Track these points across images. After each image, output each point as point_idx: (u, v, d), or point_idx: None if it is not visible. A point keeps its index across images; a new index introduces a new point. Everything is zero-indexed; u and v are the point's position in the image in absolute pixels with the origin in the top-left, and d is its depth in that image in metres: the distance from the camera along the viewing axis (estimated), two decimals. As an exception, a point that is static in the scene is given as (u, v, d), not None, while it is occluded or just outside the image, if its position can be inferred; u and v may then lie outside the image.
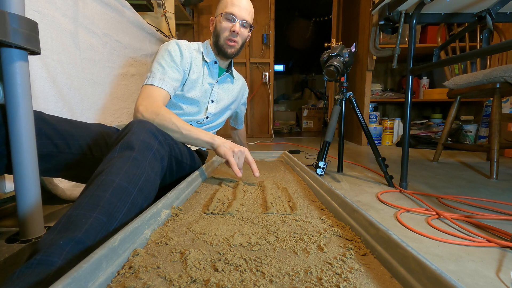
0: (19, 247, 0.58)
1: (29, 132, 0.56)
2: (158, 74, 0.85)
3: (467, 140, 2.38)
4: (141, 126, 0.60)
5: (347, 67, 1.23)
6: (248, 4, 0.95)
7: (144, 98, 0.81)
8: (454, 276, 0.50)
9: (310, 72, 5.59)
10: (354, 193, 1.02)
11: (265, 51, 3.17)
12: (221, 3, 0.95)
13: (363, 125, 1.24)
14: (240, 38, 0.96)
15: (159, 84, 0.84)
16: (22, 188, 0.56)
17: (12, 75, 0.53)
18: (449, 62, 0.93)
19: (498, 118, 1.32)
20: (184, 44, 0.94)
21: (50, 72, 0.85)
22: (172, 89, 0.88)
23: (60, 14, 0.88)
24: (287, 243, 0.42)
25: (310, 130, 4.52)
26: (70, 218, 0.39)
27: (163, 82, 0.85)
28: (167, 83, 0.85)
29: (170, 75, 0.87)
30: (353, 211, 0.48)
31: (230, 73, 1.07)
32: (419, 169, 1.46)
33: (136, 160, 0.52)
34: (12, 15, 0.51)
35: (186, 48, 0.94)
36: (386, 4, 1.06)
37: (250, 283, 0.32)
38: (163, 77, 0.85)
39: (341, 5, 3.16)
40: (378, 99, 2.68)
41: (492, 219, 0.76)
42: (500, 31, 1.61)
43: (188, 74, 0.95)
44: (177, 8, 2.27)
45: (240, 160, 0.79)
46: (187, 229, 0.47)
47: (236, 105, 1.18)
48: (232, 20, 0.92)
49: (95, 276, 0.31)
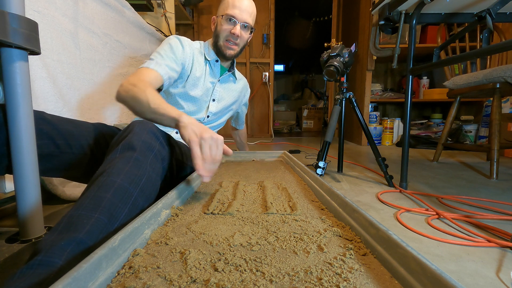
0: (19, 247, 0.58)
1: (29, 132, 0.56)
2: (155, 60, 0.85)
3: (467, 140, 2.38)
4: (143, 126, 0.60)
5: (347, 67, 1.23)
6: (250, 6, 0.94)
7: (132, 75, 0.78)
8: (454, 276, 0.50)
9: (310, 72, 5.59)
10: (354, 193, 1.02)
11: (265, 51, 3.17)
12: (223, 3, 0.94)
13: (363, 125, 1.24)
14: (240, 41, 0.96)
15: (155, 67, 0.82)
16: (22, 188, 0.56)
17: (12, 75, 0.53)
18: (449, 62, 0.93)
19: (498, 118, 1.32)
20: (185, 40, 0.94)
21: (50, 72, 0.85)
22: (167, 76, 0.85)
23: (60, 14, 0.88)
24: (287, 243, 0.42)
25: (310, 130, 4.52)
26: (71, 218, 0.39)
27: (159, 66, 0.83)
28: (162, 68, 0.84)
29: (167, 62, 0.86)
30: (353, 211, 0.48)
31: (232, 72, 1.07)
32: (419, 169, 1.46)
33: (138, 160, 0.52)
34: (12, 15, 0.51)
35: (188, 44, 0.94)
36: (386, 4, 1.06)
37: (250, 283, 0.32)
38: (160, 62, 0.84)
39: (341, 5, 3.16)
40: (378, 99, 2.68)
41: (492, 219, 0.76)
42: (500, 31, 1.61)
43: (190, 71, 0.94)
44: (177, 8, 2.27)
45: (213, 151, 0.59)
46: (187, 229, 0.47)
47: (237, 105, 1.18)
48: (233, 22, 0.92)
49: (95, 276, 0.31)
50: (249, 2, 0.94)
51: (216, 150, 0.60)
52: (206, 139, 0.59)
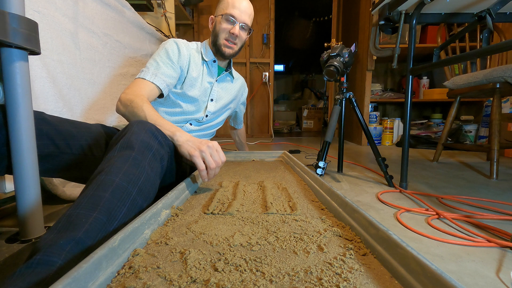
0: (19, 247, 0.58)
1: (29, 132, 0.56)
2: (152, 69, 0.85)
3: (467, 140, 2.39)
4: (141, 126, 0.60)
5: (347, 67, 1.23)
6: (249, 7, 0.95)
7: (129, 87, 0.80)
8: (454, 276, 0.50)
9: (310, 72, 5.59)
10: (354, 193, 1.02)
11: (265, 51, 3.17)
12: (221, 3, 0.95)
13: (363, 125, 1.24)
14: (238, 40, 0.97)
15: (151, 78, 0.83)
16: (22, 188, 0.56)
17: (12, 75, 0.53)
18: (449, 62, 0.93)
19: (498, 118, 1.32)
20: (182, 43, 0.94)
21: (50, 72, 0.85)
22: (165, 85, 0.87)
23: (60, 14, 0.88)
24: (287, 243, 0.42)
25: (310, 130, 4.52)
26: (70, 217, 0.39)
27: (155, 77, 0.84)
28: (159, 79, 0.85)
29: (163, 70, 0.87)
30: (353, 211, 0.48)
31: (230, 72, 1.08)
32: (419, 169, 1.46)
33: (136, 159, 0.52)
34: (12, 15, 0.51)
35: (184, 47, 0.94)
36: (386, 4, 1.06)
37: (250, 283, 0.32)
38: (156, 72, 0.85)
39: (341, 5, 3.16)
40: (378, 99, 2.68)
41: (492, 219, 0.76)
42: (500, 31, 1.61)
43: (187, 72, 0.95)
44: (177, 8, 2.27)
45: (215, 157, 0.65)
46: (187, 229, 0.47)
47: (235, 104, 1.18)
48: (232, 22, 0.93)
49: (95, 276, 0.31)
50: (248, 4, 0.95)
51: (218, 155, 0.66)
52: (205, 150, 0.64)
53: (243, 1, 0.94)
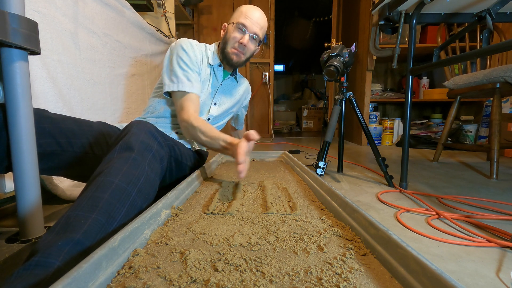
0: (19, 247, 0.58)
1: (29, 132, 0.56)
2: (185, 79, 0.88)
3: (467, 140, 2.38)
4: (141, 127, 0.60)
5: (347, 67, 1.23)
6: (262, 19, 0.95)
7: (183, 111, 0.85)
8: (454, 276, 0.50)
9: (310, 72, 5.59)
10: (354, 193, 1.02)
11: (265, 51, 3.17)
12: (236, 12, 0.96)
13: (363, 125, 1.24)
14: (247, 51, 0.96)
15: (191, 90, 0.87)
16: (22, 188, 0.56)
17: (12, 75, 0.53)
18: (449, 62, 0.93)
19: (498, 118, 1.32)
20: (195, 44, 0.96)
21: (50, 72, 0.85)
22: (200, 90, 0.91)
23: (60, 14, 0.88)
24: (287, 243, 0.42)
25: (310, 130, 4.51)
26: (68, 219, 0.39)
27: (192, 86, 0.88)
28: (195, 86, 0.89)
29: (195, 77, 0.90)
30: (353, 211, 0.48)
31: (235, 76, 1.08)
32: (419, 169, 1.46)
33: (136, 160, 0.52)
34: (12, 15, 0.51)
35: (197, 48, 0.96)
36: (386, 4, 1.06)
37: (250, 283, 0.32)
38: (191, 79, 0.88)
39: (341, 5, 3.16)
40: (378, 99, 2.68)
41: (492, 219, 0.76)
42: (500, 31, 1.61)
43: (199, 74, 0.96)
44: (177, 8, 2.26)
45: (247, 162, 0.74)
46: (187, 229, 0.47)
47: (237, 108, 1.18)
48: (243, 32, 0.93)
49: (95, 276, 0.31)
50: (261, 16, 0.95)
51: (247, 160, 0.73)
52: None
53: (257, 12, 0.94)
